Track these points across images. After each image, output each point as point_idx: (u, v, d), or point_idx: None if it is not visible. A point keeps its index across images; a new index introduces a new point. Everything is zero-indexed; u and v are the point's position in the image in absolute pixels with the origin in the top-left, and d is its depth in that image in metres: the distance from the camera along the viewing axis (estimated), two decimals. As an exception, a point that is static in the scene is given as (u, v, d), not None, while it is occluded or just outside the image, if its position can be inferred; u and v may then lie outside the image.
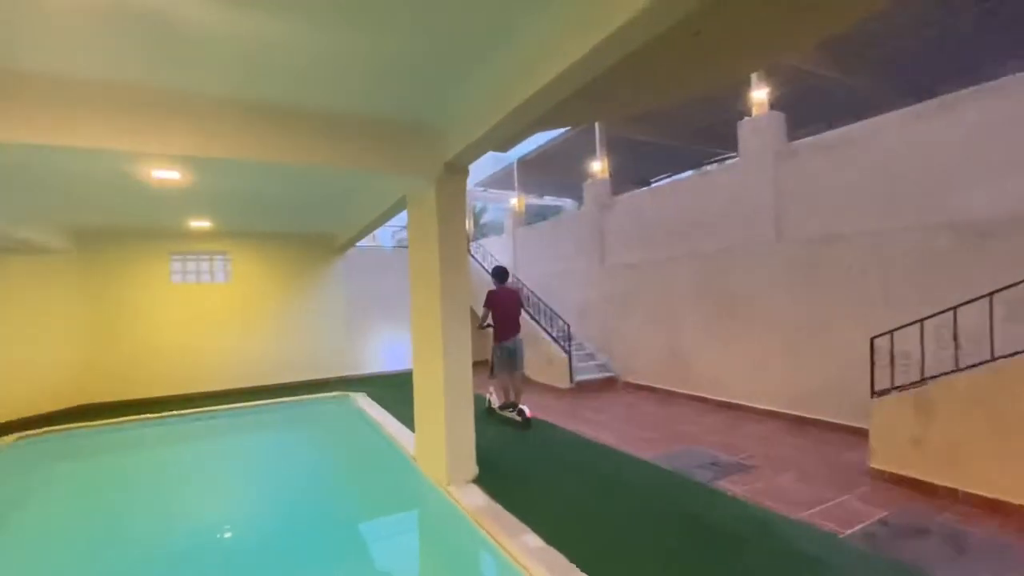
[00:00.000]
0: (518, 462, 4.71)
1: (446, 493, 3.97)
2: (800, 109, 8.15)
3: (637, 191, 9.56)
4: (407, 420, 5.83)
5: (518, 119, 3.05)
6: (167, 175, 4.73)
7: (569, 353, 8.55)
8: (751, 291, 6.77)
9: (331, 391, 8.59)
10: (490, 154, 4.49)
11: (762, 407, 6.51)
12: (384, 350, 10.65)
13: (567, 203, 17.32)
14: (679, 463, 4.68)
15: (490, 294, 6.52)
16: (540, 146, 11.62)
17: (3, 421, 7.00)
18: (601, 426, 6.10)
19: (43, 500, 5.15)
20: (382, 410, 6.92)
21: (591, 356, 9.36)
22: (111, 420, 7.08)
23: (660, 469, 4.49)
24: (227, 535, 4.22)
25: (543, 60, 2.57)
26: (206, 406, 7.79)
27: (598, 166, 9.87)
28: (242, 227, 8.71)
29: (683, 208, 7.96)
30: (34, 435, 6.41)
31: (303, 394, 8.46)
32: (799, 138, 6.69)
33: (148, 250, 8.67)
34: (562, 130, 10.79)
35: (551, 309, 9.64)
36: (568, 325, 8.93)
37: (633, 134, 10.30)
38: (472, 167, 4.32)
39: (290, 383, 9.47)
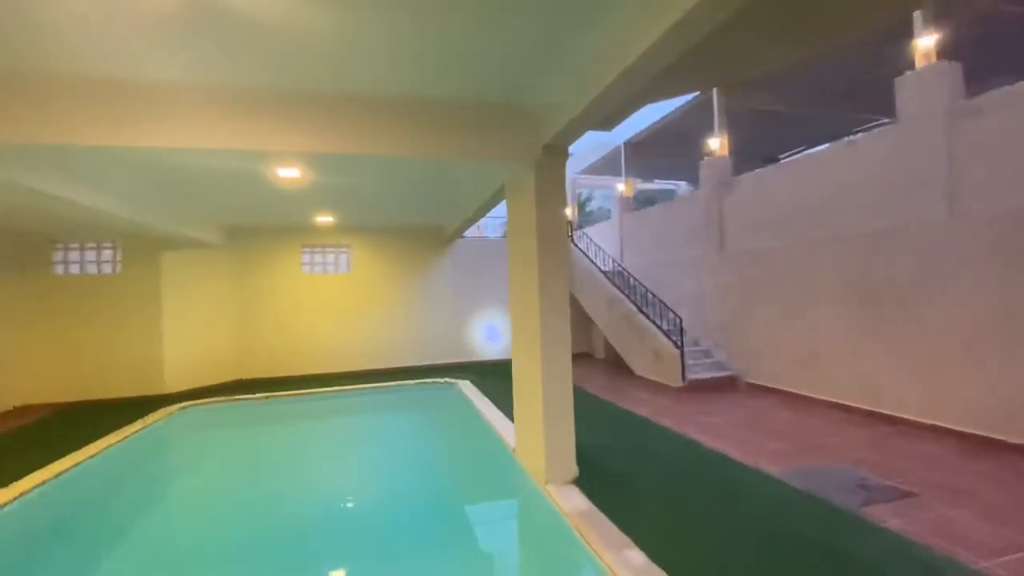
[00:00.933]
0: (622, 465, 4.39)
1: (544, 492, 3.80)
2: (981, 58, 6.58)
3: (763, 169, 8.49)
4: (509, 411, 5.77)
5: (623, 87, 2.71)
6: (289, 173, 5.11)
7: (681, 349, 7.91)
8: (912, 280, 5.62)
9: (438, 376, 8.90)
10: (596, 140, 4.19)
11: (927, 421, 5.40)
12: (488, 338, 10.82)
13: (680, 186, 16.17)
14: (815, 483, 4.00)
15: None
16: (649, 126, 10.88)
17: (176, 391, 8.28)
18: (718, 431, 5.50)
19: (197, 459, 5.97)
20: (485, 399, 6.96)
21: (707, 353, 8.59)
22: (254, 395, 8.01)
23: (790, 487, 3.88)
24: (342, 504, 4.50)
25: (651, 13, 2.22)
26: (331, 386, 8.51)
27: (716, 143, 8.95)
28: (361, 222, 9.33)
29: (821, 185, 6.87)
30: (197, 405, 7.47)
31: (413, 379, 8.86)
32: (979, 93, 5.36)
33: (283, 243, 9.68)
34: (674, 106, 9.96)
35: (660, 300, 9.01)
36: (680, 318, 8.27)
37: (757, 104, 9.17)
38: (577, 153, 4.06)
39: (402, 367, 10.03)
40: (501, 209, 7.72)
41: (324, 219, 8.72)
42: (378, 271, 10.23)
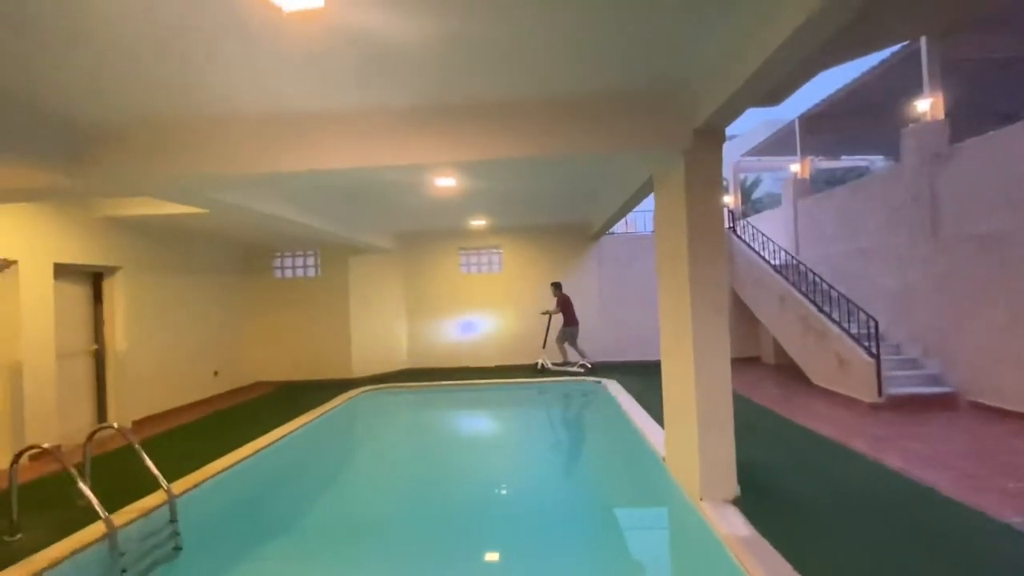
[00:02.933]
0: (796, 489, 3.82)
1: (698, 508, 3.49)
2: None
3: (999, 131, 6.62)
4: (659, 415, 5.47)
5: (794, 51, 2.30)
6: (446, 182, 5.53)
7: (876, 356, 6.61)
8: None
9: (588, 375, 8.85)
10: (763, 118, 3.70)
11: None
12: (635, 338, 10.39)
13: (873, 162, 13.58)
14: (1087, 543, 2.99)
15: (568, 298, 9.60)
16: (830, 95, 9.30)
17: (359, 376, 9.63)
18: (929, 461, 4.46)
19: (374, 436, 6.86)
20: (633, 401, 6.71)
21: (912, 362, 7.05)
22: (419, 383, 8.91)
23: (1044, 545, 2.96)
24: (492, 490, 4.74)
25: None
26: (485, 378, 9.05)
27: (926, 105, 7.25)
28: (510, 223, 9.75)
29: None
30: (375, 389, 8.59)
31: (561, 376, 8.95)
32: None
33: (443, 246, 10.59)
34: (861, 68, 8.34)
35: (847, 298, 7.64)
36: (875, 320, 6.92)
37: (988, 50, 7.21)
38: (741, 135, 3.63)
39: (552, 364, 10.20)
40: (649, 203, 7.36)
41: (477, 222, 9.30)
42: (527, 270, 10.58)
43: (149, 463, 3.59)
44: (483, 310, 10.58)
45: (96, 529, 3.21)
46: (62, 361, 5.84)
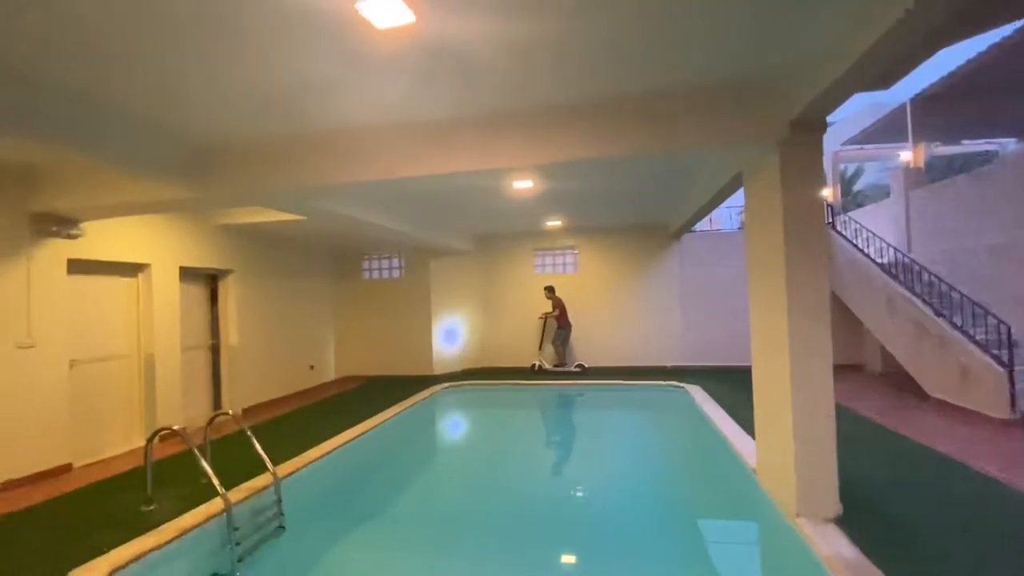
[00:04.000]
0: (909, 512, 3.44)
1: (795, 526, 3.25)
2: None
3: None
4: (748, 424, 5.17)
5: (911, 28, 2.08)
6: (523, 184, 5.59)
7: (1010, 367, 5.78)
8: None
9: (664, 379, 8.54)
10: (867, 102, 3.38)
11: None
12: (721, 341, 9.85)
13: (1004, 145, 11.88)
14: None
15: (559, 299, 9.93)
16: (949, 73, 8.24)
17: (440, 373, 9.98)
18: (1083, 489, 3.82)
19: (454, 430, 7.06)
20: (718, 408, 6.37)
21: (1057, 374, 6.08)
22: (500, 382, 9.07)
23: None
24: (567, 491, 4.71)
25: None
26: (564, 379, 9.03)
27: (1076, 77, 6.22)
28: (587, 223, 9.65)
29: None
30: (455, 386, 8.87)
31: (638, 379, 8.71)
32: None
33: (519, 247, 10.70)
34: (986, 43, 7.31)
35: (972, 301, 6.74)
36: (1007, 325, 6.06)
37: None
38: (841, 120, 3.37)
39: (627, 367, 9.96)
40: (737, 198, 6.96)
41: (553, 223, 9.30)
42: (603, 270, 10.41)
43: (258, 447, 3.96)
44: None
45: (215, 504, 3.58)
46: (185, 354, 6.60)
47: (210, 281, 7.42)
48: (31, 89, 3.00)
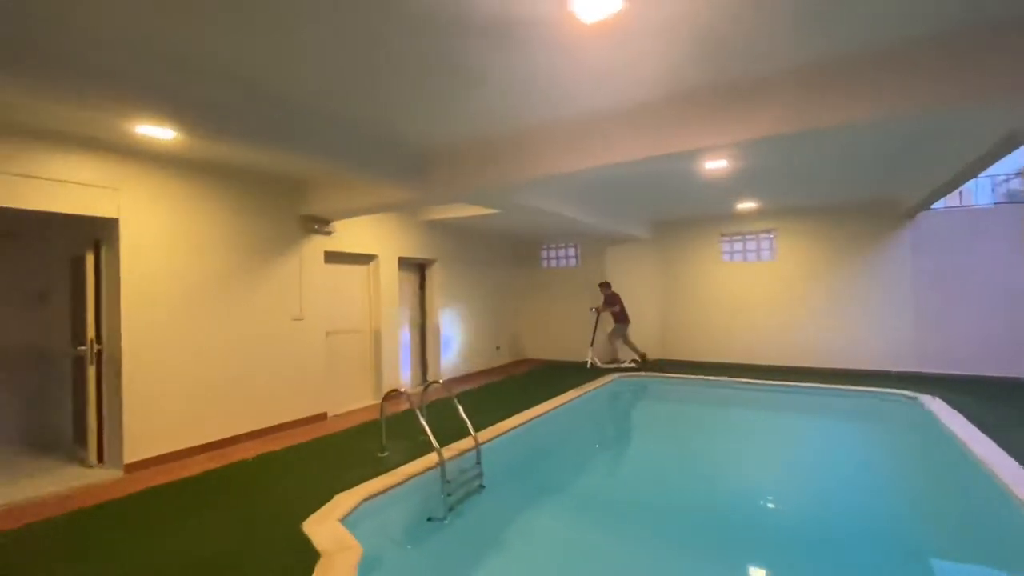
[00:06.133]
0: None
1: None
2: None
3: None
4: (1014, 446, 4.10)
5: None
6: (716, 165, 5.23)
7: None
8: None
9: (888, 387, 7.14)
10: None
11: None
12: (971, 346, 7.82)
13: None
14: None
15: (615, 294, 9.62)
16: None
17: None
18: None
19: (627, 418, 7.01)
20: (969, 425, 5.12)
21: None
22: (679, 374, 8.68)
23: None
24: (764, 503, 4.31)
25: None
26: (750, 377, 8.24)
27: None
28: (788, 204, 8.55)
29: None
30: (629, 376, 8.77)
31: (852, 384, 7.45)
32: None
33: (702, 233, 10.00)
34: None
35: None
36: None
37: None
38: None
39: (837, 369, 8.60)
40: (1001, 166, 5.44)
41: (746, 205, 8.47)
42: (808, 257, 9.09)
43: (462, 413, 4.51)
44: (751, 302, 9.57)
45: (431, 459, 4.20)
46: (403, 332, 7.81)
47: (419, 269, 8.62)
48: (294, 111, 3.83)
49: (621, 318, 9.64)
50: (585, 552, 3.61)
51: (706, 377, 8.38)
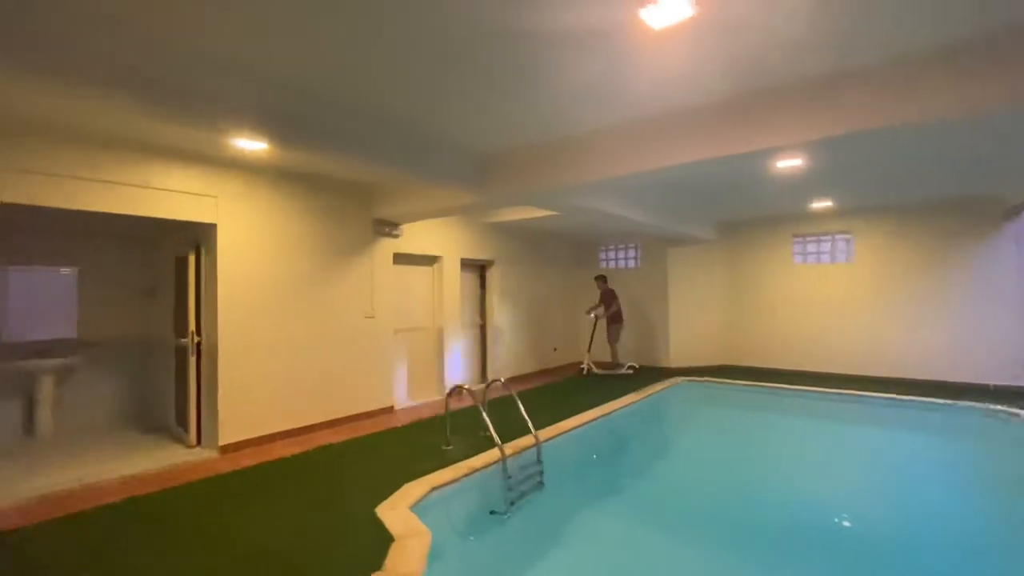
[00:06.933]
0: None
1: None
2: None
3: None
4: None
5: None
6: (790, 163, 5.01)
7: None
8: None
9: (993, 403, 6.48)
10: None
11: None
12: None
13: None
14: None
15: (613, 292, 9.13)
16: None
17: (676, 366, 9.71)
18: None
19: (690, 424, 6.84)
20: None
21: None
22: (748, 381, 8.35)
23: None
24: (838, 532, 4.09)
25: None
26: (826, 386, 7.78)
27: None
28: (868, 203, 8.01)
29: None
30: (693, 380, 8.53)
31: (946, 398, 6.84)
32: None
33: (772, 234, 9.54)
34: None
35: None
36: None
37: None
38: None
39: (924, 380, 7.92)
40: None
41: (821, 204, 8.01)
42: (890, 259, 8.44)
43: (523, 412, 4.62)
44: (826, 307, 9.01)
45: (493, 454, 4.33)
46: (464, 330, 8.04)
47: (480, 270, 8.84)
48: (367, 121, 4.07)
49: (615, 318, 9.11)
50: (644, 556, 3.60)
51: (780, 386, 7.99)
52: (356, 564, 2.72)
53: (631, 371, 9.01)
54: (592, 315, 9.22)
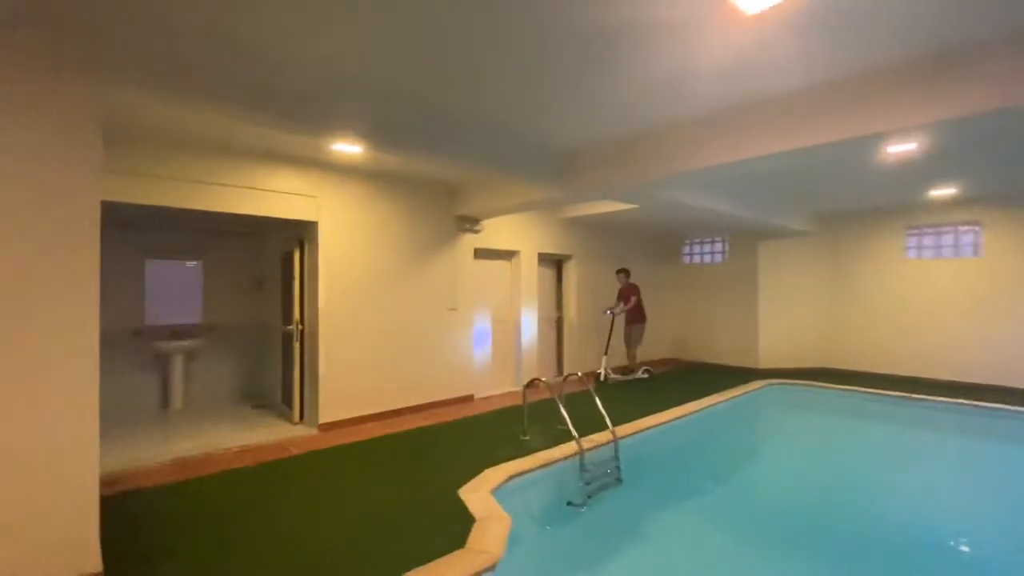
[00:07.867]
0: None
1: None
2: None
3: None
4: None
5: None
6: (901, 148, 4.55)
7: None
8: None
9: None
10: None
11: None
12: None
13: None
14: None
15: (636, 287, 8.31)
16: None
17: (766, 368, 9.14)
18: None
19: (778, 429, 6.42)
20: None
21: None
22: (848, 387, 7.67)
23: None
24: (932, 539, 3.68)
25: None
26: (944, 395, 6.94)
27: None
28: (999, 188, 7.00)
29: None
30: (784, 383, 7.98)
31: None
32: None
33: (882, 226, 8.65)
34: None
35: None
36: None
37: None
38: None
39: (1074, 395, 6.83)
40: None
41: (941, 192, 7.13)
42: (1029, 254, 7.35)
43: (601, 407, 4.61)
44: (947, 307, 8.00)
45: (570, 447, 4.37)
46: (540, 324, 8.13)
47: (556, 265, 8.86)
48: (453, 122, 4.21)
49: (637, 316, 8.27)
50: (721, 560, 3.48)
51: (887, 392, 7.25)
52: (441, 539, 2.90)
53: (646, 375, 8.33)
54: (608, 312, 8.24)
